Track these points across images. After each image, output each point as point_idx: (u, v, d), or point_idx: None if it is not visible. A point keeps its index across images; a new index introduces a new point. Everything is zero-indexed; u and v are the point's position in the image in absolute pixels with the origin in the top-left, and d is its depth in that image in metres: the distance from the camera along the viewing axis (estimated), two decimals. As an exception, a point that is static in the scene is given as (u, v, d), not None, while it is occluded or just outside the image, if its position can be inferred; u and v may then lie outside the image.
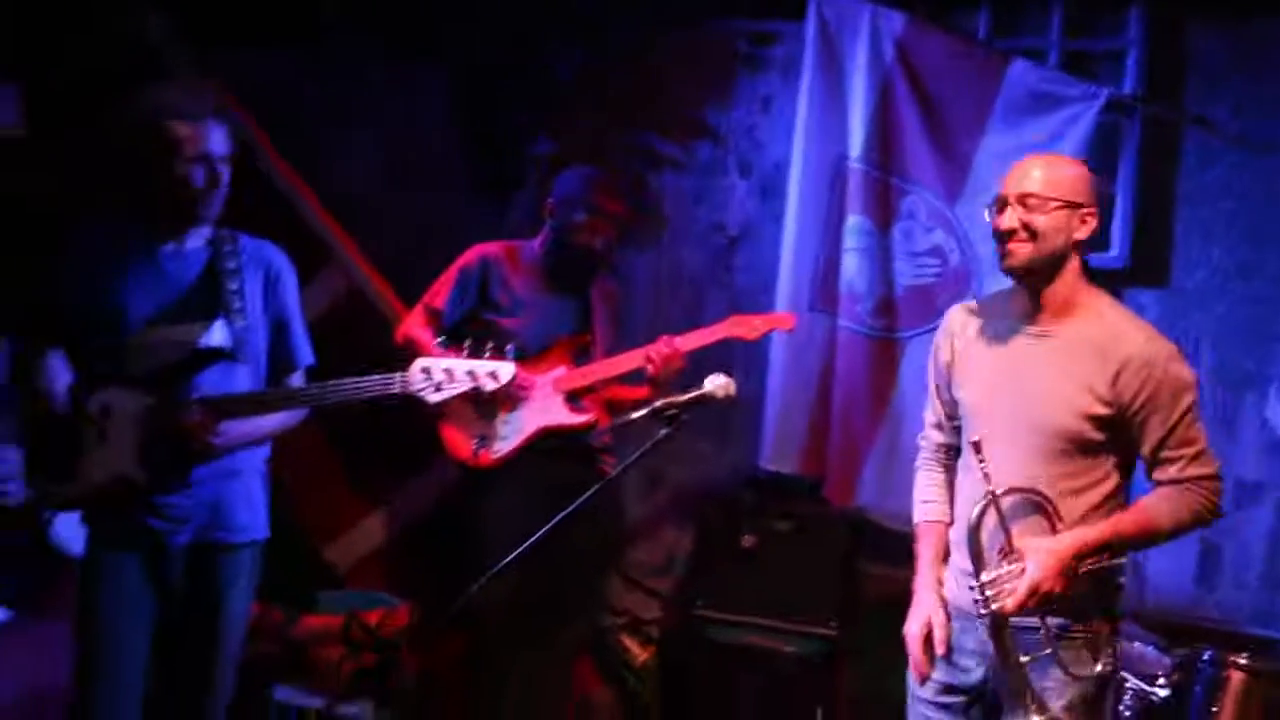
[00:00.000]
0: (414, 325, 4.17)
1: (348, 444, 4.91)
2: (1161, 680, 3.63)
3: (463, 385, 3.11)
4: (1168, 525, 2.91)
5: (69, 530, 4.05)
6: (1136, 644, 3.82)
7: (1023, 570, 2.82)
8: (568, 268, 4.17)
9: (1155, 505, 2.93)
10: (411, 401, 3.17)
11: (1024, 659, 2.84)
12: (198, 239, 3.26)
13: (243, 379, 3.26)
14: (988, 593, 2.85)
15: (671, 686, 5.06)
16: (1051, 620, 2.88)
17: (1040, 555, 2.83)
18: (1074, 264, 2.97)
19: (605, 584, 4.92)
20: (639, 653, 5.17)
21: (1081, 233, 2.96)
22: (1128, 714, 3.67)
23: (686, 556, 5.20)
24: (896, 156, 4.77)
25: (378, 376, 3.14)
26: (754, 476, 4.99)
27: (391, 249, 5.14)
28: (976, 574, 2.88)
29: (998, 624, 2.85)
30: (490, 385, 3.11)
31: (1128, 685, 3.68)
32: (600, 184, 4.15)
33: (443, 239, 4.56)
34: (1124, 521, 2.90)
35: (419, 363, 3.13)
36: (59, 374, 3.16)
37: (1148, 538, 2.95)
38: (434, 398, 3.13)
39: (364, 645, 4.27)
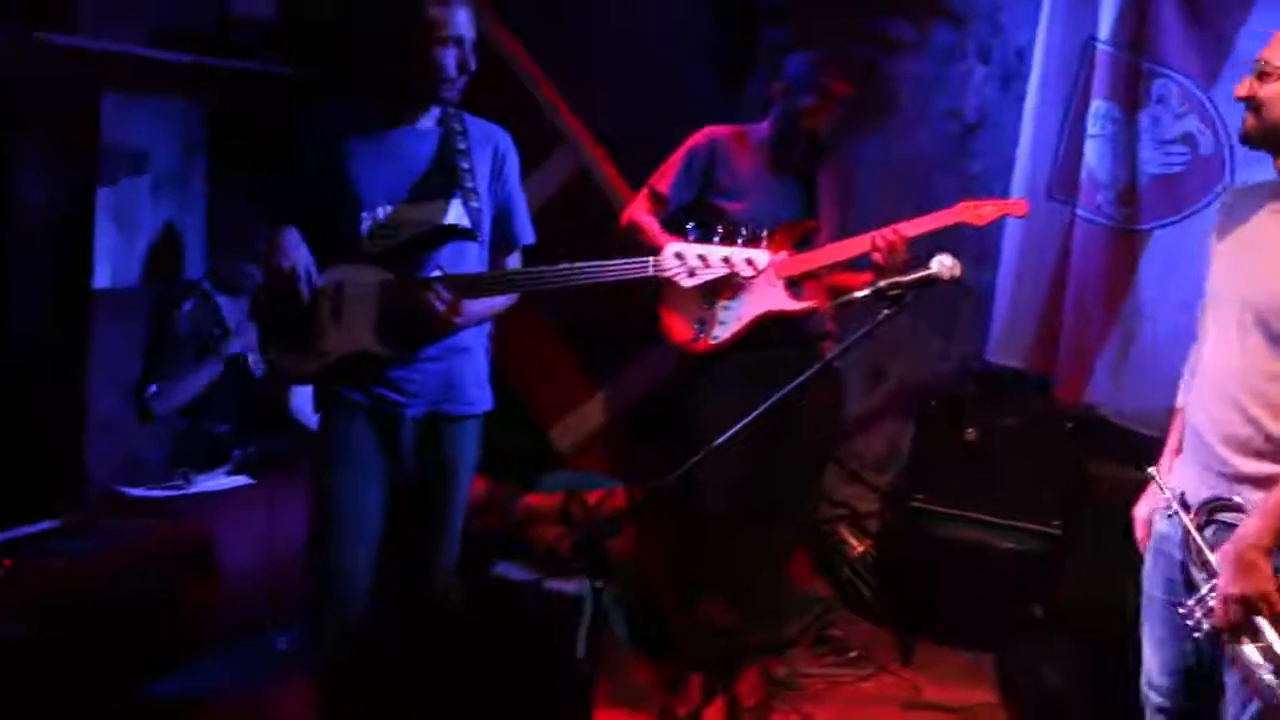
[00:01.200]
0: (638, 209, 4.16)
1: (569, 326, 4.98)
2: None
3: (718, 271, 3.05)
4: None
5: (306, 402, 4.27)
6: None
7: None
8: (794, 151, 4.10)
9: None
10: (643, 281, 3.16)
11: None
12: (429, 120, 3.31)
13: (473, 257, 3.31)
14: (1197, 614, 2.67)
15: (889, 580, 5.02)
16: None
17: (1225, 561, 2.60)
18: None
19: (825, 476, 4.88)
20: (856, 545, 5.14)
21: None
22: None
23: (909, 450, 5.12)
24: (1149, 37, 4.52)
25: (630, 259, 3.12)
26: (981, 370, 4.86)
27: (628, 134, 5.12)
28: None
29: (1221, 640, 2.65)
30: (748, 272, 3.04)
31: None
32: (827, 67, 4.06)
33: (679, 123, 4.52)
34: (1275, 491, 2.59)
35: (671, 247, 3.07)
36: (297, 250, 3.23)
37: None
38: (688, 283, 3.07)
39: (581, 524, 4.35)
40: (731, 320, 4.02)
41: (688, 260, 3.05)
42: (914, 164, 5.15)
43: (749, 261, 3.04)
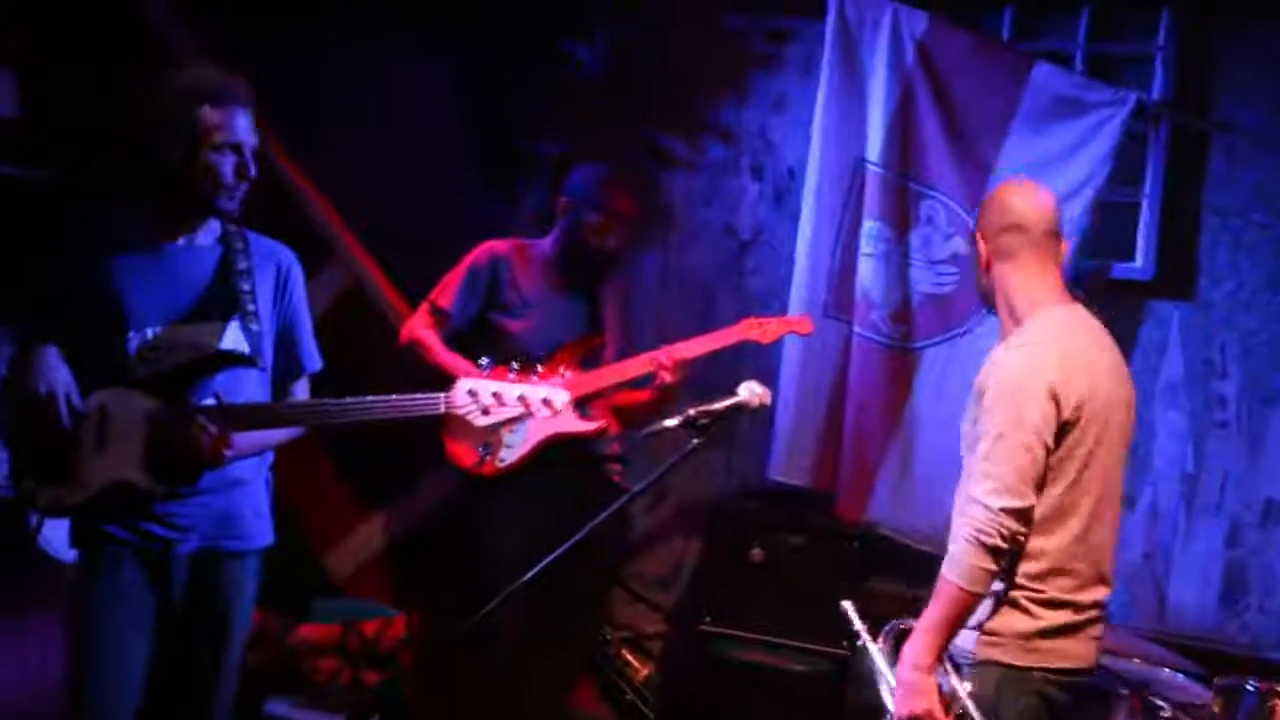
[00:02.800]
0: (419, 325, 4.05)
1: (345, 448, 4.78)
2: (1201, 708, 3.49)
3: (513, 410, 2.97)
4: (947, 574, 2.78)
5: (57, 534, 3.92)
6: (1167, 670, 3.68)
7: None
8: (579, 268, 4.08)
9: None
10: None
11: None
12: (208, 235, 3.10)
13: (252, 384, 3.10)
14: None
15: (674, 704, 4.93)
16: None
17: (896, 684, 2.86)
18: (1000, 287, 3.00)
19: (608, 598, 4.79)
20: (640, 668, 5.04)
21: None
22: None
23: (692, 570, 5.07)
24: (916, 161, 4.65)
25: (421, 395, 3.00)
26: (763, 488, 4.86)
27: (398, 246, 5.00)
28: None
29: None
30: (545, 413, 2.97)
31: (1163, 714, 3.54)
32: (613, 183, 4.07)
33: (450, 236, 4.44)
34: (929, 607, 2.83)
35: (464, 383, 2.98)
36: (56, 371, 2.97)
37: (948, 603, 2.78)
38: (481, 421, 2.99)
39: (361, 657, 4.15)
40: (518, 443, 3.92)
41: (481, 398, 2.96)
42: (692, 279, 5.17)
43: (545, 401, 2.97)
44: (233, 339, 3.03)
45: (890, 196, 4.67)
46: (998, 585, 2.81)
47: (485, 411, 2.96)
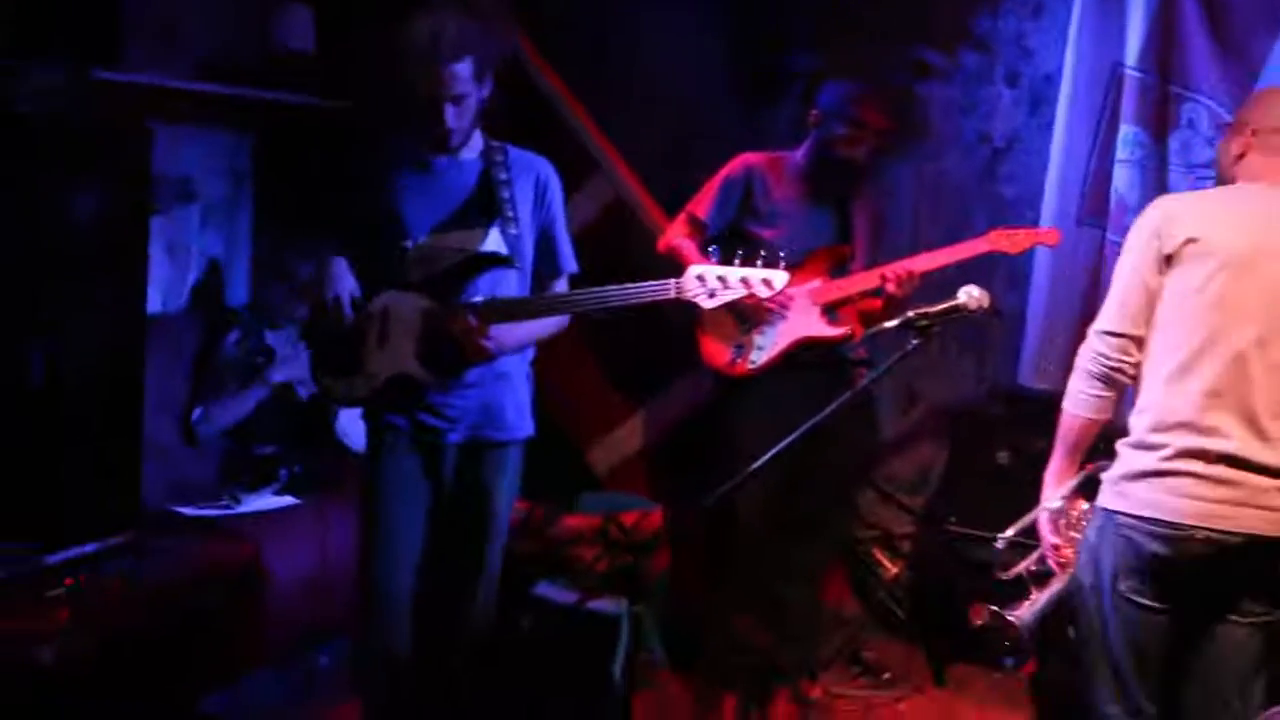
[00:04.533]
0: (676, 234, 4.23)
1: (609, 349, 5.05)
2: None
3: (736, 292, 3.12)
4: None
5: (352, 425, 4.37)
6: None
7: None
8: (829, 179, 4.16)
9: None
10: (681, 307, 3.22)
11: None
12: (471, 151, 3.40)
13: (513, 284, 3.39)
14: None
15: (923, 602, 5.06)
16: None
17: None
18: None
19: (859, 498, 4.93)
20: (890, 567, 5.18)
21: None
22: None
23: (942, 472, 5.16)
24: (1177, 62, 4.54)
25: (653, 282, 3.17)
26: (1013, 393, 4.89)
27: (657, 158, 5.20)
28: None
29: None
30: (765, 292, 3.11)
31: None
32: (862, 97, 4.11)
33: (707, 149, 4.59)
34: None
35: (693, 269, 3.14)
36: (343, 279, 3.34)
37: (1061, 426, 3.02)
38: (708, 304, 3.14)
39: (620, 545, 4.40)
40: (768, 345, 4.08)
41: (708, 282, 3.12)
42: (946, 188, 5.21)
43: (765, 282, 3.10)
44: (494, 242, 3.32)
45: (1149, 101, 4.58)
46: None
47: (711, 294, 3.12)
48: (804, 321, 4.08)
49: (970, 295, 2.96)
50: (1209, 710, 2.86)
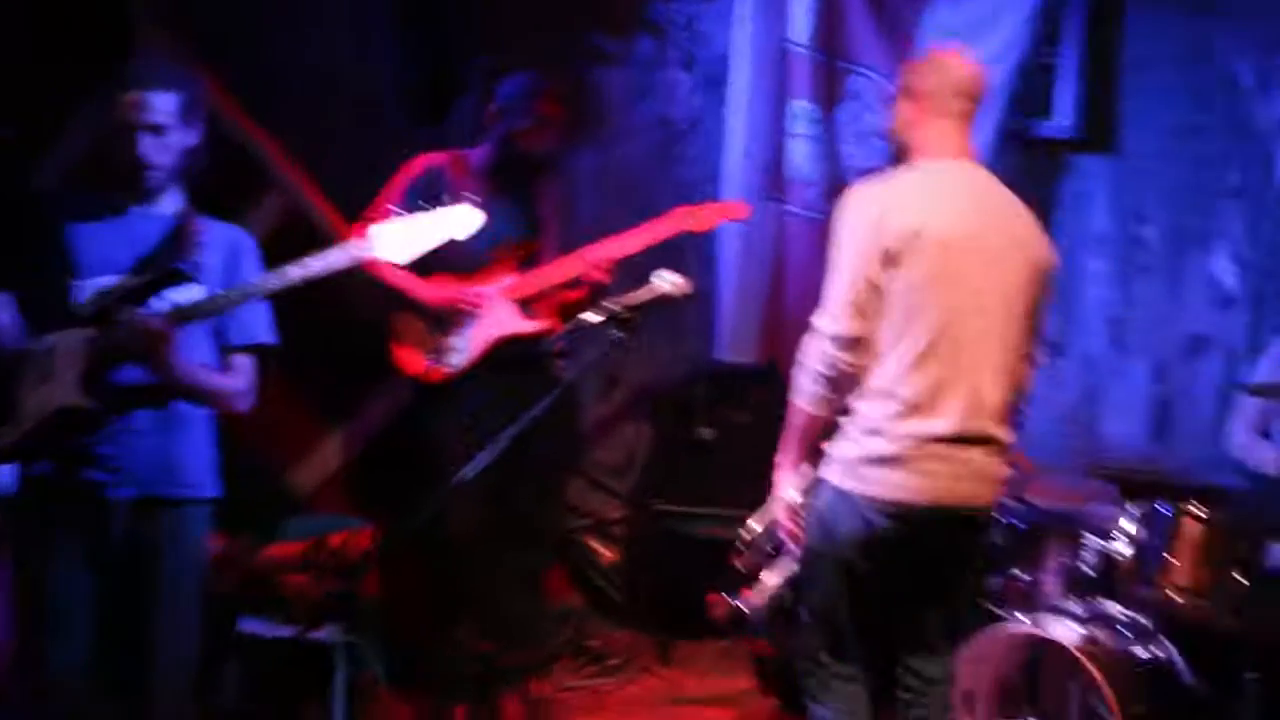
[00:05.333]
0: (359, 244, 4.06)
1: (302, 367, 4.81)
2: (1121, 534, 3.66)
3: (431, 239, 2.93)
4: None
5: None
6: (1096, 504, 3.88)
7: None
8: (513, 174, 4.12)
9: None
10: (372, 321, 3.06)
11: None
12: (168, 206, 3.10)
13: (204, 348, 3.09)
14: None
15: (638, 584, 5.09)
16: None
17: None
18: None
19: (568, 488, 4.91)
20: (605, 553, 5.20)
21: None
22: (1089, 570, 3.72)
23: (646, 454, 5.19)
24: (839, 37, 4.73)
25: (337, 249, 2.96)
26: (711, 369, 4.96)
27: (333, 168, 4.99)
28: None
29: None
30: (463, 232, 2.95)
31: (1088, 542, 3.73)
32: (541, 90, 4.09)
33: (392, 155, 4.44)
34: None
35: (376, 228, 2.93)
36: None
37: (791, 414, 3.02)
38: (402, 258, 2.96)
39: (327, 569, 4.23)
40: (465, 346, 4.01)
41: (397, 235, 2.93)
42: (629, 173, 5.23)
43: (457, 221, 2.94)
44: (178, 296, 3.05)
45: (818, 76, 4.74)
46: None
47: (404, 247, 2.92)
48: (500, 319, 4.01)
49: (669, 281, 2.95)
50: (920, 657, 3.05)
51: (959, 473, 2.87)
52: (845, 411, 2.95)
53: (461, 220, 2.95)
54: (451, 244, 3.84)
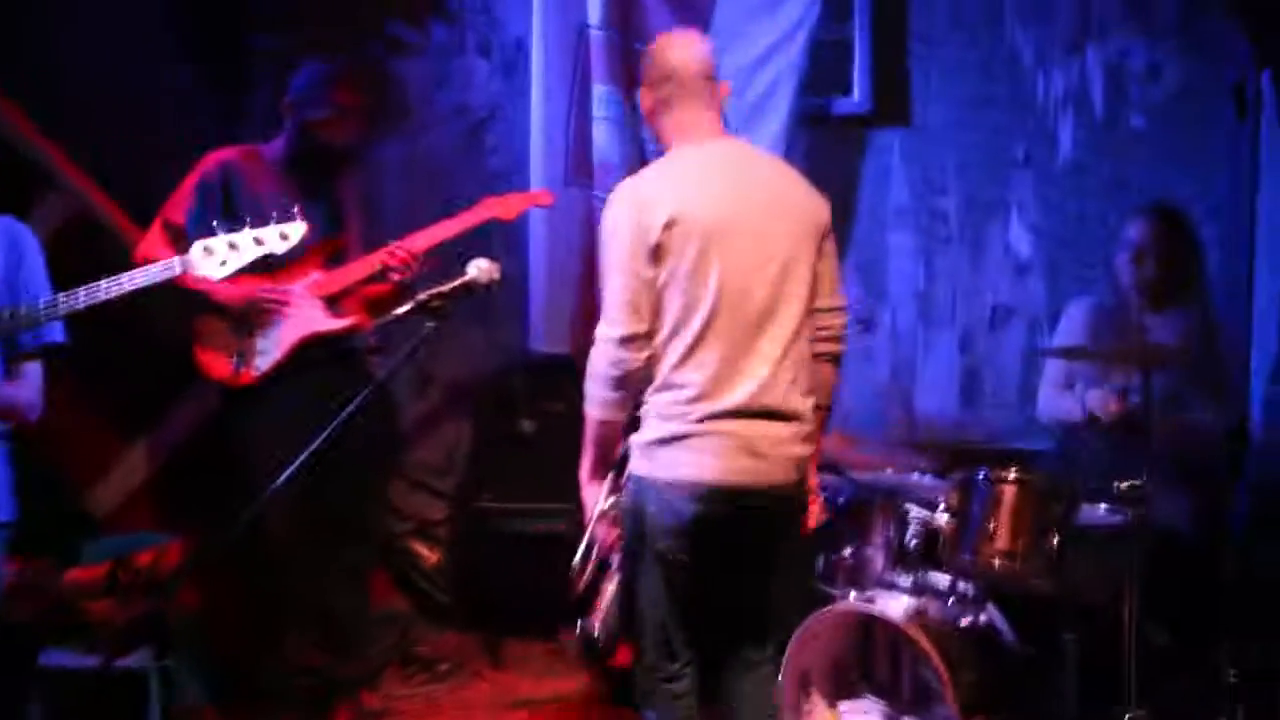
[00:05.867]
0: (155, 245, 3.91)
1: (98, 375, 4.59)
2: (941, 504, 3.74)
3: (251, 254, 2.92)
4: None
5: None
6: (915, 475, 3.95)
7: None
8: (312, 167, 4.01)
9: None
10: (167, 323, 2.95)
11: None
12: None
13: None
14: None
15: (464, 585, 5.02)
16: None
17: None
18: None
19: (389, 490, 4.80)
20: (429, 555, 5.11)
21: None
22: (913, 541, 3.79)
23: (468, 451, 5.11)
24: (636, 18, 4.71)
25: (156, 264, 2.93)
26: (527, 360, 4.92)
27: (117, 163, 4.75)
28: None
29: None
30: (282, 246, 2.94)
31: (911, 515, 3.80)
32: (336, 78, 3.98)
33: (176, 148, 4.27)
34: None
35: (199, 243, 2.92)
36: None
37: (587, 424, 3.07)
38: (220, 273, 2.93)
39: (134, 590, 4.04)
40: (271, 348, 3.89)
41: (216, 252, 2.90)
42: (433, 164, 5.14)
43: (282, 235, 2.94)
44: None
45: (616, 58, 4.71)
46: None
47: (224, 263, 2.92)
48: (306, 318, 3.90)
49: (480, 269, 2.96)
50: (743, 640, 3.10)
51: (746, 448, 2.90)
52: (640, 406, 2.97)
53: (287, 233, 2.94)
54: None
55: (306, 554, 3.97)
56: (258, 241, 2.92)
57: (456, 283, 2.91)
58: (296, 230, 2.94)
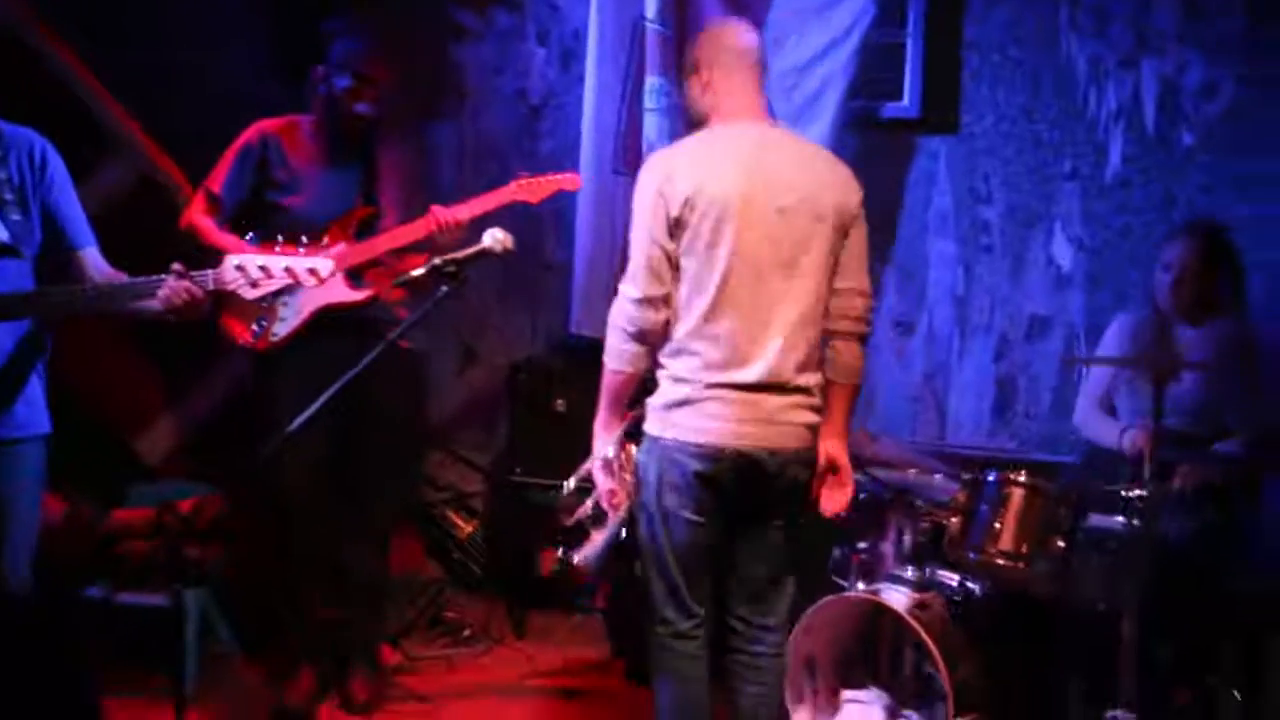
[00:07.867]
0: (195, 211, 4.02)
1: (145, 336, 4.78)
2: (951, 503, 3.80)
3: (281, 281, 3.02)
4: None
5: None
6: (937, 477, 4.00)
7: None
8: (340, 137, 4.05)
9: None
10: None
11: None
12: None
13: (12, 275, 3.07)
14: None
15: (497, 554, 5.15)
16: None
17: None
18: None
19: (422, 458, 4.91)
20: (464, 526, 5.23)
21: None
22: (921, 538, 3.86)
23: (504, 427, 5.23)
24: (691, 13, 4.76)
25: (192, 274, 3.04)
26: (566, 343, 5.02)
27: (191, 130, 4.94)
28: None
29: None
30: (311, 282, 3.03)
31: (922, 513, 3.86)
32: (364, 49, 4.02)
33: (243, 123, 4.40)
34: None
35: (231, 259, 3.01)
36: None
37: (604, 375, 3.14)
38: (250, 294, 3.05)
39: (178, 535, 4.22)
40: (291, 315, 3.95)
41: (249, 272, 3.00)
42: (487, 146, 5.28)
43: (311, 271, 3.02)
44: None
45: (669, 52, 4.77)
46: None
47: (254, 284, 3.02)
48: (325, 288, 3.86)
49: (494, 238, 3.06)
50: (749, 605, 3.17)
51: (750, 415, 3.00)
52: (658, 366, 3.08)
53: (316, 270, 3.02)
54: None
55: (327, 514, 4.05)
56: (288, 271, 3.01)
57: (471, 250, 3.02)
58: (325, 267, 3.03)
